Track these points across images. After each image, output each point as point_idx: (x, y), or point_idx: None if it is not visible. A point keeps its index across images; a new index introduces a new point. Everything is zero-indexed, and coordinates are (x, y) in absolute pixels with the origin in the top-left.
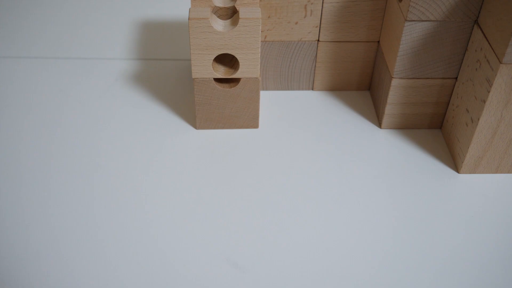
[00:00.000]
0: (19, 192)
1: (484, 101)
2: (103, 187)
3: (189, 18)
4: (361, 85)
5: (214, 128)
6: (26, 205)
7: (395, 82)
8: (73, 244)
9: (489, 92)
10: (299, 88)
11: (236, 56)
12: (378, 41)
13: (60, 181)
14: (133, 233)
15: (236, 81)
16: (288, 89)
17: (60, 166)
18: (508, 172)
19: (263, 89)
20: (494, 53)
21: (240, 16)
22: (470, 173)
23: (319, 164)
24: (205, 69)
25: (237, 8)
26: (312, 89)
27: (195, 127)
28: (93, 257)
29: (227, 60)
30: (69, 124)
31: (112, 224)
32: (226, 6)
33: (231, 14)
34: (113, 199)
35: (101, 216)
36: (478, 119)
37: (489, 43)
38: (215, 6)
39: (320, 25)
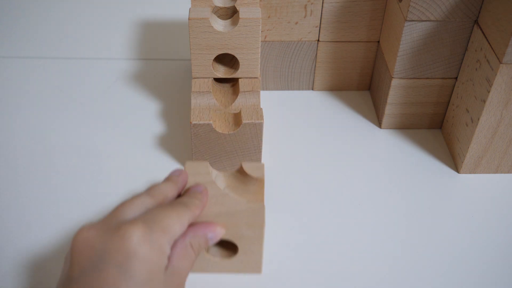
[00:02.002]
0: (18, 192)
1: (484, 101)
2: (103, 187)
3: (189, 18)
4: (361, 85)
5: None
6: (25, 205)
7: (395, 82)
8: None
9: (489, 92)
10: (299, 88)
11: (236, 56)
12: (378, 41)
13: (60, 181)
14: None
15: (236, 81)
16: (288, 89)
17: (59, 166)
18: (508, 172)
19: (263, 89)
20: (494, 53)
21: (240, 16)
22: (470, 173)
23: (319, 164)
24: (205, 69)
25: (237, 8)
26: (312, 89)
27: None
28: None
29: (227, 60)
30: (69, 124)
31: None
32: (226, 6)
33: (231, 14)
34: (113, 199)
35: (100, 216)
36: (478, 119)
37: (489, 43)
38: (215, 6)
39: (320, 25)
